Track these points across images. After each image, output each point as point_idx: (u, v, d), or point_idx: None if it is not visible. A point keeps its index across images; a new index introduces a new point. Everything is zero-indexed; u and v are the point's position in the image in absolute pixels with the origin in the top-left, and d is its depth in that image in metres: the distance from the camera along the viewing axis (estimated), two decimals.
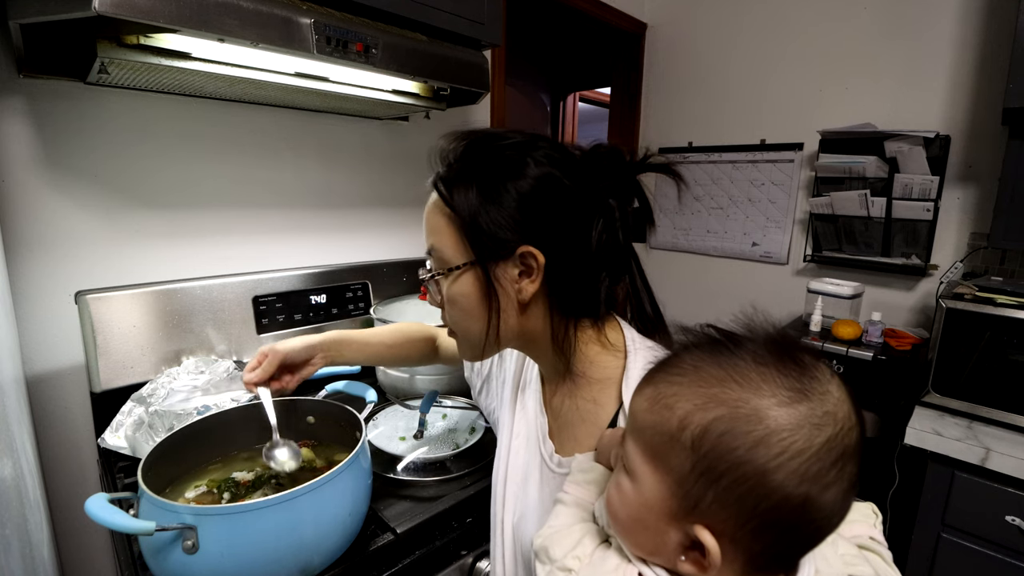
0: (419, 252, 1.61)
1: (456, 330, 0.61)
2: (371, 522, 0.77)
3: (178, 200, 1.16)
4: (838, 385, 0.36)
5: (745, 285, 2.21)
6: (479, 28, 1.16)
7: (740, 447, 0.33)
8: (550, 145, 0.56)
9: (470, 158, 0.56)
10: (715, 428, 0.34)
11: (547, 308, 0.57)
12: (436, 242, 0.57)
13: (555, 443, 0.62)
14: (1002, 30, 1.54)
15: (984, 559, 1.21)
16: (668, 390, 0.38)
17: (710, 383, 0.36)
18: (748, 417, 0.34)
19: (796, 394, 0.35)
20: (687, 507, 0.36)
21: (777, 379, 0.35)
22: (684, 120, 2.32)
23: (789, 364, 0.36)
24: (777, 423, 0.33)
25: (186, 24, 0.75)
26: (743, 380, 0.36)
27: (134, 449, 0.90)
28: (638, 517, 0.39)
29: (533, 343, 0.61)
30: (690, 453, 0.35)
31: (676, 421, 0.36)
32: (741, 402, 0.35)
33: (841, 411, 0.35)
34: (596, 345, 0.60)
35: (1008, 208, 1.41)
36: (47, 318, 1.02)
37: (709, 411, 0.35)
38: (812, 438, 0.33)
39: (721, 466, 0.34)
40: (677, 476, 0.36)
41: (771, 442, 0.33)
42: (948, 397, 1.32)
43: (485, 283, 0.55)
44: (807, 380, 0.35)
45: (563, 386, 0.62)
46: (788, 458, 0.33)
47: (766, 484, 0.33)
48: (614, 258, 0.57)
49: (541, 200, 0.53)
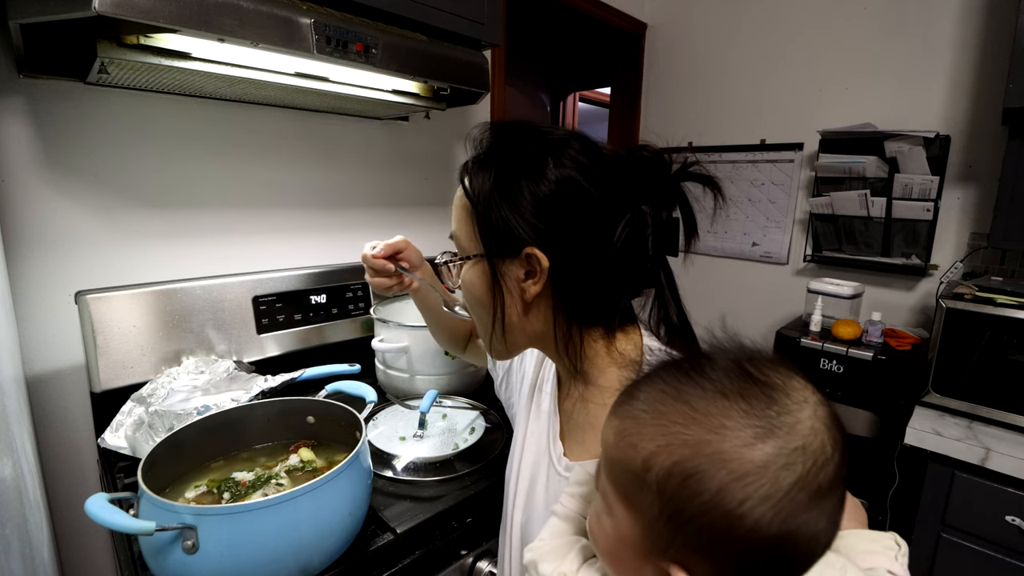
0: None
1: (472, 316, 0.62)
2: (371, 522, 0.77)
3: (178, 200, 1.16)
4: (812, 412, 0.34)
5: (745, 285, 2.21)
6: (479, 28, 1.16)
7: (705, 492, 0.32)
8: (582, 146, 0.54)
9: (495, 149, 0.55)
10: (678, 471, 0.33)
11: (551, 312, 0.56)
12: (456, 229, 0.59)
13: (565, 445, 0.62)
14: (1002, 30, 1.54)
15: (984, 559, 1.21)
16: (631, 427, 0.36)
17: (673, 421, 0.34)
18: (711, 460, 0.32)
19: (762, 431, 0.32)
20: (660, 547, 0.34)
21: (740, 414, 0.33)
22: (684, 120, 2.32)
23: (754, 393, 0.34)
24: (742, 467, 0.31)
25: (186, 24, 0.75)
26: (704, 418, 0.33)
27: (134, 449, 0.90)
28: (615, 551, 0.38)
29: (542, 343, 0.60)
30: (656, 497, 0.33)
31: (640, 462, 0.34)
32: (703, 444, 0.33)
33: (814, 444, 0.33)
34: (606, 357, 0.58)
35: (1008, 208, 1.41)
36: (47, 318, 1.02)
37: (672, 453, 0.33)
38: (780, 480, 0.31)
39: (688, 511, 0.32)
40: (647, 517, 0.34)
41: (736, 488, 0.31)
42: (948, 397, 1.32)
43: (491, 277, 0.55)
44: (773, 410, 0.33)
45: (576, 389, 0.62)
46: (756, 503, 0.31)
47: (737, 529, 0.31)
48: (638, 268, 0.55)
49: (554, 203, 0.52)
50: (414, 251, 0.85)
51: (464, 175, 0.56)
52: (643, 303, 0.59)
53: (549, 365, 0.70)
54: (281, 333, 1.23)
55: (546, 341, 0.59)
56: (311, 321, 1.27)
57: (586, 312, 0.56)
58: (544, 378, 0.70)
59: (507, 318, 0.56)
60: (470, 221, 0.56)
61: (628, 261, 0.53)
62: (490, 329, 0.58)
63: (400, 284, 0.83)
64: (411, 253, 0.85)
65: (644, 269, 0.55)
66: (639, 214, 0.53)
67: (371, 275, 0.84)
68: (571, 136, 0.55)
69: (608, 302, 0.56)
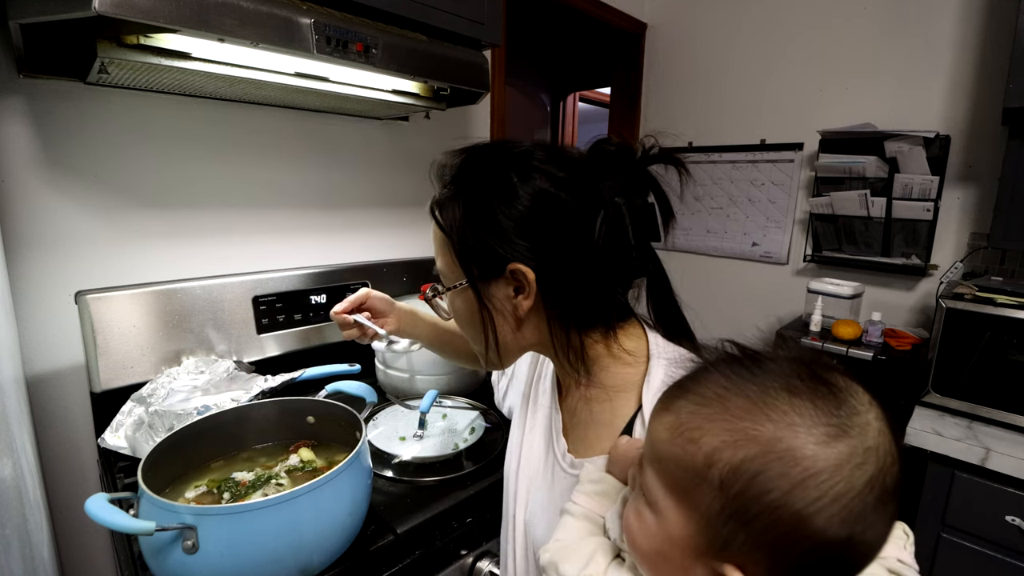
0: (419, 252, 1.61)
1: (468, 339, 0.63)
2: (371, 522, 0.77)
3: (178, 200, 1.16)
4: (877, 414, 0.34)
5: (745, 285, 2.21)
6: (479, 28, 1.16)
7: (775, 490, 0.31)
8: (545, 154, 0.54)
9: (459, 178, 0.56)
10: (747, 469, 0.32)
11: (545, 323, 0.56)
12: (439, 262, 0.59)
13: (568, 441, 0.62)
14: (1002, 30, 1.54)
15: (984, 559, 1.21)
16: (691, 421, 0.35)
17: (738, 416, 0.34)
18: (783, 457, 0.31)
19: (835, 430, 0.32)
20: (716, 546, 0.33)
21: (812, 412, 0.32)
22: (684, 120, 2.32)
23: (824, 393, 0.33)
24: (816, 465, 0.31)
25: (186, 24, 0.75)
26: (775, 413, 0.33)
27: (134, 449, 0.90)
28: (660, 550, 0.37)
29: (541, 350, 0.61)
30: (719, 493, 0.33)
31: (702, 457, 0.34)
32: (775, 440, 0.32)
33: (883, 446, 0.33)
34: (608, 357, 0.58)
35: (1008, 208, 1.40)
36: (47, 318, 1.02)
37: (739, 449, 0.32)
38: (853, 480, 0.31)
39: (755, 509, 0.31)
40: (705, 515, 0.33)
41: (809, 486, 0.31)
42: (948, 397, 1.32)
43: (477, 302, 0.55)
44: (845, 412, 0.33)
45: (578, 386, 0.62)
46: (828, 502, 0.31)
47: (805, 529, 0.31)
48: (624, 261, 0.55)
49: (527, 216, 0.52)
50: (379, 300, 0.86)
51: (434, 209, 0.56)
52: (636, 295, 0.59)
53: (544, 362, 0.70)
54: (281, 333, 1.23)
55: (545, 348, 0.59)
56: (311, 321, 1.27)
57: (581, 315, 0.56)
58: (541, 374, 0.70)
59: (501, 337, 0.57)
60: (449, 252, 0.56)
61: (613, 255, 0.53)
62: (484, 350, 0.58)
63: (364, 333, 0.85)
64: (375, 302, 0.86)
65: (630, 260, 0.56)
66: (614, 207, 0.53)
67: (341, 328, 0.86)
68: (533, 146, 0.55)
69: (601, 300, 0.56)
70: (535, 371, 0.72)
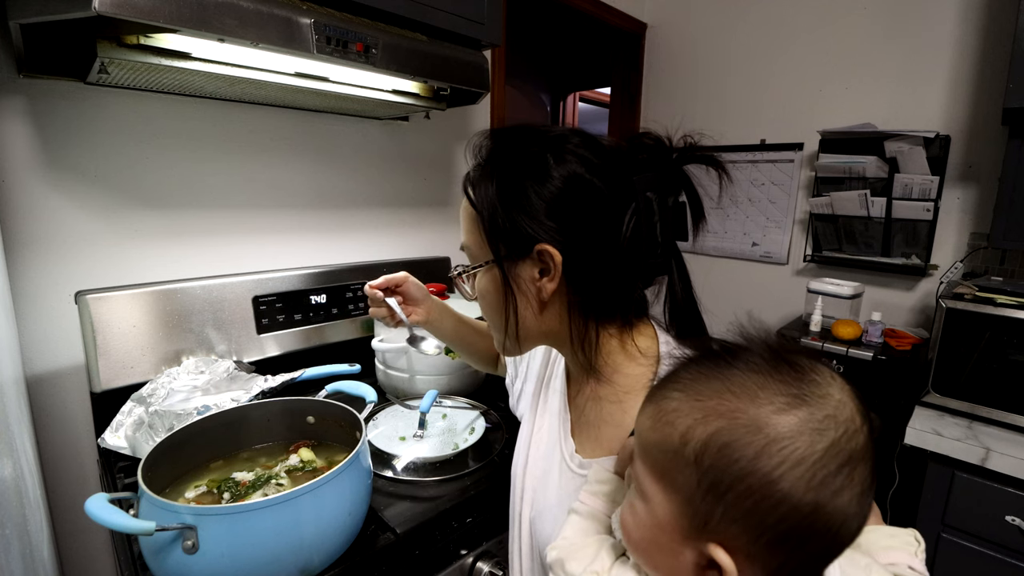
0: (419, 252, 1.62)
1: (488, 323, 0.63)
2: (371, 522, 0.77)
3: (178, 200, 1.16)
4: (840, 387, 0.36)
5: (745, 285, 2.21)
6: (479, 28, 1.16)
7: (742, 458, 0.33)
8: (581, 140, 0.54)
9: (494, 155, 0.56)
10: (716, 440, 0.34)
11: (566, 308, 0.56)
12: (466, 239, 0.59)
13: (576, 442, 0.62)
14: (1002, 30, 1.54)
15: (984, 559, 1.21)
16: (668, 406, 0.38)
17: (707, 395, 0.36)
18: (747, 427, 0.33)
19: (793, 399, 0.34)
20: (698, 525, 0.35)
21: (773, 386, 0.35)
22: (684, 120, 2.32)
23: (784, 369, 0.36)
24: (776, 431, 0.33)
25: (186, 24, 0.75)
26: (739, 390, 0.35)
27: (134, 449, 0.90)
28: (652, 539, 0.38)
29: (556, 341, 0.60)
30: (694, 468, 0.35)
31: (678, 437, 0.36)
32: (739, 412, 0.34)
33: (843, 413, 0.34)
34: (621, 354, 0.58)
35: (1008, 208, 1.40)
36: (47, 318, 1.02)
37: (709, 424, 0.35)
38: (814, 444, 0.33)
39: (726, 479, 0.33)
40: (685, 494, 0.35)
41: (772, 451, 0.33)
42: (948, 397, 1.32)
43: (502, 281, 0.55)
44: (804, 384, 0.35)
45: (588, 385, 0.61)
46: (791, 466, 0.32)
47: (773, 494, 0.32)
48: (649, 256, 0.55)
49: (559, 199, 0.52)
50: (414, 286, 0.85)
51: (467, 185, 0.57)
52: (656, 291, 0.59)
53: (557, 360, 0.70)
54: (281, 333, 1.23)
55: (561, 338, 0.59)
56: (311, 321, 1.27)
57: (600, 305, 0.56)
58: (553, 374, 0.70)
59: (522, 320, 0.56)
60: (478, 230, 0.56)
61: (638, 249, 0.53)
62: (503, 333, 0.58)
63: (393, 316, 0.84)
64: (411, 287, 0.85)
65: (654, 256, 0.55)
66: (645, 202, 0.53)
67: (369, 304, 0.85)
68: (570, 132, 0.55)
69: (621, 293, 0.56)
70: (546, 372, 0.71)
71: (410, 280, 0.85)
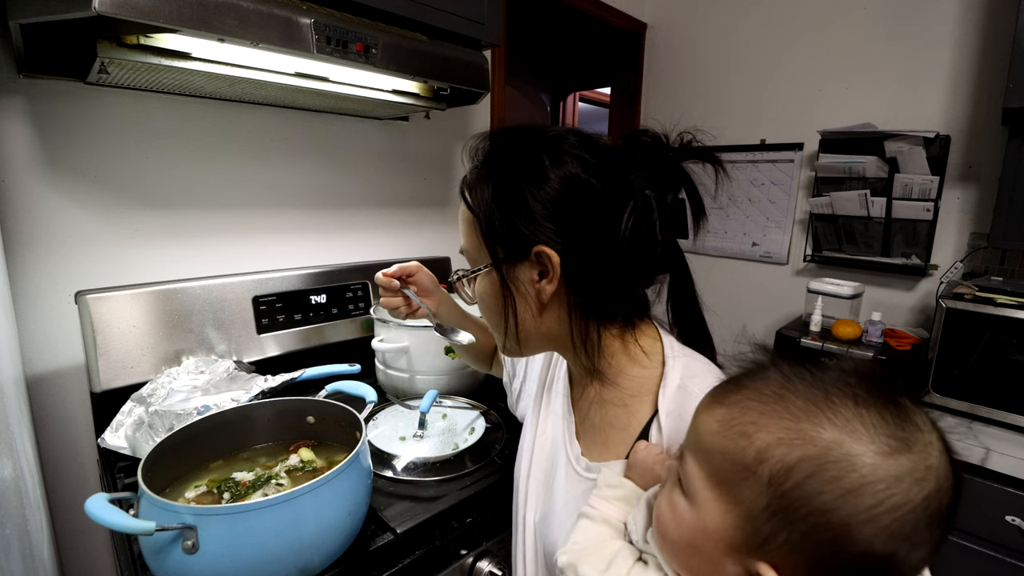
0: (419, 252, 1.61)
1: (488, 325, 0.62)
2: (371, 522, 0.77)
3: (178, 200, 1.16)
4: (939, 437, 0.33)
5: (745, 285, 2.21)
6: (479, 28, 1.16)
7: (827, 493, 0.31)
8: (578, 140, 0.54)
9: (490, 158, 0.55)
10: (801, 468, 0.32)
11: (566, 310, 0.55)
12: (465, 243, 0.59)
13: (581, 444, 0.61)
14: (1002, 30, 1.54)
15: (984, 559, 1.21)
16: (745, 416, 0.35)
17: (798, 416, 0.33)
18: (840, 462, 0.31)
19: (899, 443, 0.32)
20: (754, 544, 0.33)
21: (877, 423, 0.32)
22: (684, 120, 2.31)
23: (890, 407, 0.33)
24: (875, 474, 0.31)
25: (186, 24, 0.75)
26: (838, 419, 0.32)
27: (134, 449, 0.90)
28: (692, 542, 0.37)
29: (558, 344, 0.60)
30: (766, 489, 0.32)
31: (753, 452, 0.33)
32: (835, 444, 0.31)
33: (943, 467, 0.32)
34: (624, 356, 0.57)
35: (1008, 208, 1.40)
36: (47, 318, 1.02)
37: (795, 448, 0.32)
38: (911, 494, 0.31)
39: (802, 509, 0.31)
40: (747, 510, 0.33)
41: (865, 493, 0.30)
42: (948, 397, 1.32)
43: (501, 285, 0.55)
44: (910, 428, 0.32)
45: (592, 388, 0.61)
46: (881, 512, 0.30)
47: (850, 537, 0.30)
48: (649, 255, 0.54)
49: (556, 199, 0.51)
50: (427, 276, 0.84)
51: (464, 189, 0.56)
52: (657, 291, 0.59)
53: (559, 363, 0.70)
54: (281, 333, 1.23)
55: (562, 342, 0.58)
56: (311, 321, 1.27)
57: (601, 306, 0.55)
58: (555, 377, 0.69)
59: (522, 322, 0.56)
60: (476, 233, 0.56)
61: (637, 248, 0.53)
62: (503, 335, 0.58)
63: (408, 306, 0.83)
64: (423, 278, 0.84)
65: (655, 255, 0.55)
66: (643, 200, 0.53)
67: (381, 293, 0.84)
68: (567, 131, 0.55)
69: (622, 293, 0.55)
70: (548, 374, 0.71)
71: (423, 270, 0.84)
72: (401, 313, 0.84)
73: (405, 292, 0.81)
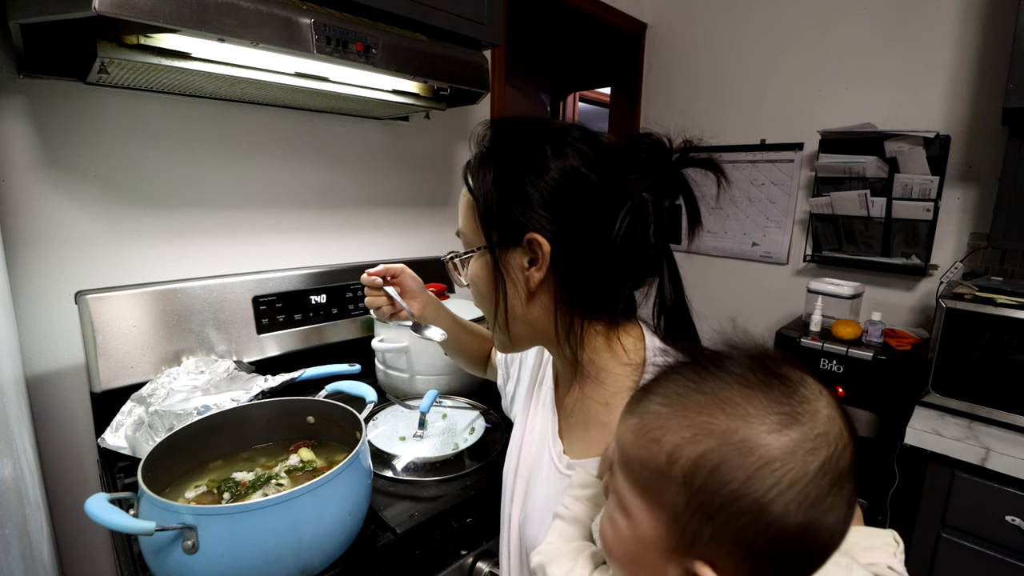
0: (419, 252, 1.61)
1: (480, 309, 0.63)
2: (371, 522, 0.77)
3: (178, 200, 1.16)
4: (827, 401, 0.35)
5: (745, 285, 2.21)
6: (479, 28, 1.16)
7: (733, 480, 0.32)
8: (581, 134, 0.55)
9: (495, 144, 0.56)
10: (706, 462, 0.33)
11: (553, 299, 0.56)
12: (462, 225, 0.60)
13: (565, 442, 0.62)
14: (1002, 30, 1.54)
15: (984, 559, 1.21)
16: (653, 422, 0.36)
17: (696, 412, 0.35)
18: (739, 448, 0.32)
19: (786, 418, 0.33)
20: (684, 543, 0.34)
21: (764, 403, 0.34)
22: (684, 120, 2.32)
23: (775, 384, 0.35)
24: (770, 452, 0.32)
25: (186, 24, 0.75)
26: (729, 407, 0.34)
27: (134, 449, 0.90)
28: (634, 554, 0.37)
29: (543, 336, 0.60)
30: (683, 489, 0.33)
31: (665, 456, 0.34)
32: (731, 432, 0.33)
33: (833, 430, 0.34)
34: (607, 353, 0.58)
35: (1008, 208, 1.40)
36: (47, 318, 1.02)
37: (698, 443, 0.33)
38: (807, 464, 0.32)
39: (717, 501, 0.32)
40: (671, 512, 0.34)
41: (765, 473, 0.32)
42: (948, 397, 1.32)
43: (493, 268, 0.56)
44: (796, 401, 0.34)
45: (576, 385, 0.61)
46: (785, 488, 0.32)
47: (765, 516, 0.32)
48: (640, 257, 0.55)
49: (553, 190, 0.52)
50: (411, 278, 0.85)
51: (467, 172, 0.57)
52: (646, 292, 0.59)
53: (548, 363, 0.70)
54: (281, 333, 1.23)
55: (548, 334, 0.59)
56: (311, 321, 1.27)
57: (587, 300, 0.56)
58: (544, 376, 0.70)
59: (511, 308, 0.57)
60: (474, 215, 0.57)
61: (629, 248, 0.53)
62: (493, 321, 0.59)
63: (391, 306, 0.84)
64: (407, 279, 0.85)
65: (646, 258, 0.55)
66: (641, 202, 0.53)
67: (366, 292, 0.84)
68: (571, 126, 0.56)
69: (610, 291, 0.56)
70: (538, 374, 0.72)
71: (407, 271, 0.85)
72: (384, 313, 0.84)
73: (387, 291, 0.82)
